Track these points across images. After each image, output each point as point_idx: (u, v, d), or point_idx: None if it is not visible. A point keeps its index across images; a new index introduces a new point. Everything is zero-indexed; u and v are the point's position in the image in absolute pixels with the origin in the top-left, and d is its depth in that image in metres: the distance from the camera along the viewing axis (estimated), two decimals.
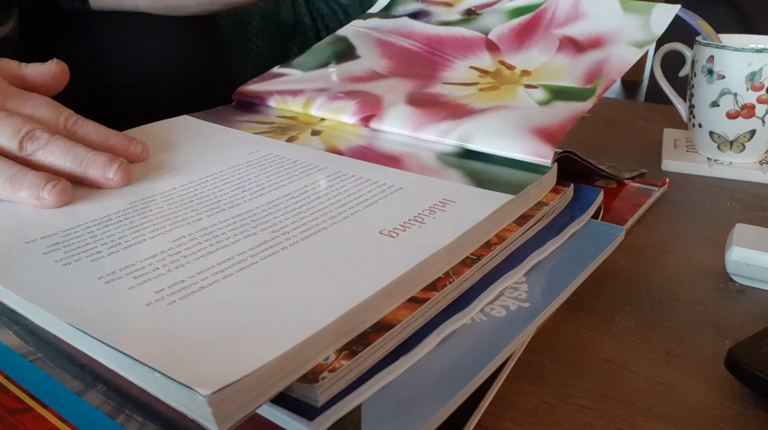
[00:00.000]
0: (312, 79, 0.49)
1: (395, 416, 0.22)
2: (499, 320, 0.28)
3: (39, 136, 0.34)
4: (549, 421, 0.27)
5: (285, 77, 0.51)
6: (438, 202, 0.32)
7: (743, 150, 0.55)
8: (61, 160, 0.34)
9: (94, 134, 0.37)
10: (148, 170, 0.37)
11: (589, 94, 0.41)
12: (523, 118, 0.39)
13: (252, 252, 0.27)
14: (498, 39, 0.48)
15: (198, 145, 0.41)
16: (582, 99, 0.41)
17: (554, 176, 0.36)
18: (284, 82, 0.50)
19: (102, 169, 0.34)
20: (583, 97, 0.41)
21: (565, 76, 0.44)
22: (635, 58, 0.43)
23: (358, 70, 0.49)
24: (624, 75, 0.42)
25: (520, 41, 0.47)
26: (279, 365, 0.21)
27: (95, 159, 0.34)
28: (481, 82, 0.45)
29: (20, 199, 0.32)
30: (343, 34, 0.54)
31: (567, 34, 0.47)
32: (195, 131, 0.44)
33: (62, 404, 0.24)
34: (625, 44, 0.44)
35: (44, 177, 0.32)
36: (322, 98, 0.46)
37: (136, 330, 0.22)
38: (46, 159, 0.34)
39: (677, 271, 0.39)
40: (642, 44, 0.44)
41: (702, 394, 0.28)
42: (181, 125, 0.45)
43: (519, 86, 0.44)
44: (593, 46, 0.45)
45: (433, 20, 0.53)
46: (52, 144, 0.34)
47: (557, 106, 0.41)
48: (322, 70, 0.50)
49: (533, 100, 0.42)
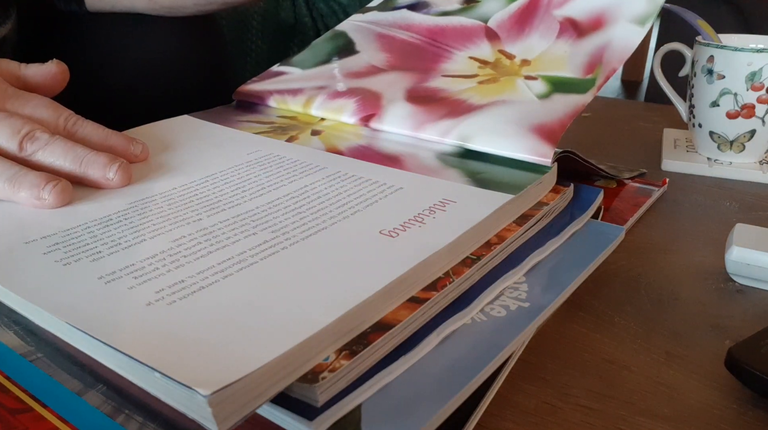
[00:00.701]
0: (311, 77, 0.49)
1: (395, 416, 0.22)
2: (499, 320, 0.28)
3: (39, 137, 0.34)
4: (549, 421, 0.27)
5: (284, 76, 0.51)
6: (438, 202, 0.32)
7: (743, 150, 0.55)
8: (61, 160, 0.34)
9: (94, 135, 0.37)
10: (148, 170, 0.37)
11: (589, 85, 0.41)
12: (522, 114, 0.39)
13: (252, 252, 0.27)
14: (497, 26, 0.48)
15: (198, 145, 0.41)
16: (582, 91, 0.40)
17: (554, 176, 0.36)
18: (284, 81, 0.50)
19: (102, 170, 0.34)
20: (583, 88, 0.41)
21: (566, 65, 0.43)
22: (637, 40, 0.43)
23: (357, 66, 0.49)
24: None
25: (520, 27, 0.47)
26: (279, 365, 0.21)
27: (95, 159, 0.34)
28: (480, 74, 0.45)
29: (20, 199, 0.32)
30: (341, 29, 0.54)
31: (567, 14, 0.46)
32: (195, 131, 0.44)
33: (62, 404, 0.24)
34: (626, 22, 0.44)
35: (44, 177, 0.32)
36: (322, 97, 0.46)
37: (136, 330, 0.22)
38: (45, 159, 0.34)
39: (677, 271, 0.39)
40: (644, 19, 0.43)
41: (702, 394, 0.28)
42: (181, 125, 0.45)
43: (518, 78, 0.43)
44: (594, 28, 0.44)
45: (432, 11, 0.52)
46: (52, 144, 0.34)
47: (557, 99, 0.40)
48: (322, 68, 0.50)
49: (533, 93, 0.41)
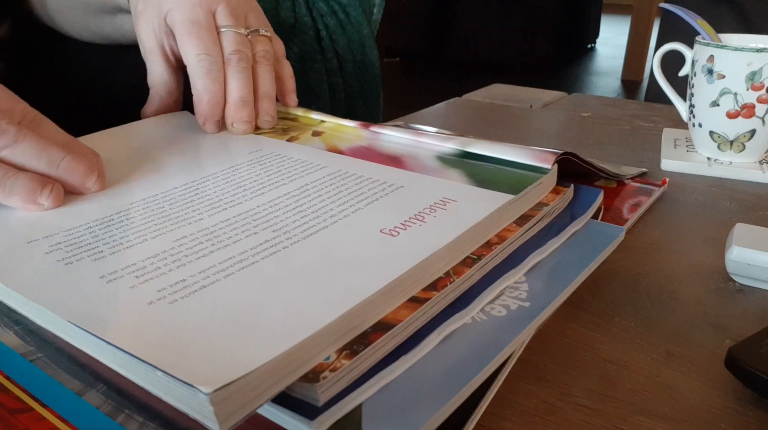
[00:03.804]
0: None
1: (395, 415, 0.22)
2: (500, 320, 0.28)
3: (5, 129, 0.31)
4: (549, 421, 0.27)
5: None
6: (439, 201, 0.32)
7: (743, 150, 0.55)
8: (34, 161, 0.32)
9: (55, 137, 0.34)
10: (148, 170, 0.37)
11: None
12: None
13: (253, 251, 0.27)
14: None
15: (199, 144, 0.41)
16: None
17: (554, 177, 0.36)
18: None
19: (82, 179, 0.33)
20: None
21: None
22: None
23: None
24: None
25: None
26: (280, 364, 0.21)
27: (74, 167, 0.33)
28: None
29: (12, 203, 0.31)
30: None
31: None
32: (196, 130, 0.44)
33: (62, 404, 0.24)
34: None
35: (39, 181, 0.31)
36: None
37: (137, 329, 0.22)
38: (15, 158, 0.32)
39: (677, 271, 0.39)
40: None
41: (702, 394, 0.28)
42: (182, 122, 0.45)
43: None
44: None
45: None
46: (23, 142, 0.32)
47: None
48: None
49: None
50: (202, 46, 0.42)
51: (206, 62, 0.42)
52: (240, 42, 0.44)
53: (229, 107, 0.43)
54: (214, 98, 0.43)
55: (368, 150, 0.40)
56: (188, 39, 0.43)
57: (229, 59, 0.43)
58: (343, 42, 0.69)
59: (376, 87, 0.74)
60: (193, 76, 0.43)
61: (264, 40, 0.46)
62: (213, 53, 0.43)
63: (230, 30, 0.44)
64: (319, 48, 0.69)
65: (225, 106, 0.43)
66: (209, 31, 0.43)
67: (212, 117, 0.43)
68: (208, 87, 0.42)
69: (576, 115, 0.76)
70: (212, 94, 0.42)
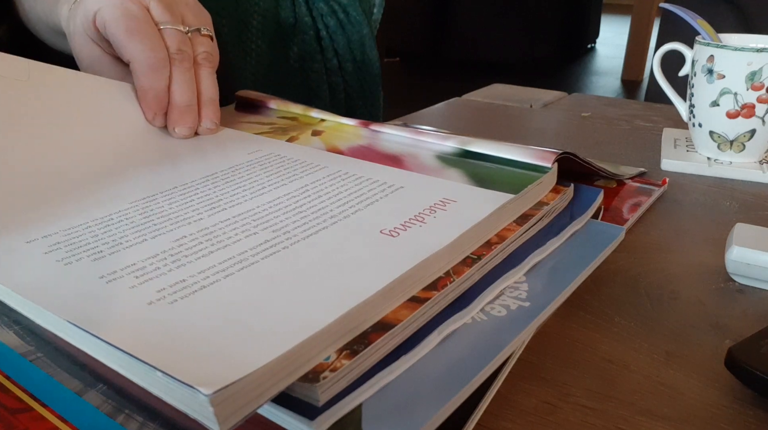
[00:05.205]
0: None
1: (395, 415, 0.22)
2: (500, 320, 0.28)
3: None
4: (549, 421, 0.27)
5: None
6: (438, 201, 0.32)
7: (743, 150, 0.55)
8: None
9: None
10: (149, 169, 0.37)
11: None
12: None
13: (253, 251, 0.27)
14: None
15: (199, 144, 0.41)
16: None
17: (554, 176, 0.36)
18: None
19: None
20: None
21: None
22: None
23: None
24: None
25: None
26: (280, 365, 0.21)
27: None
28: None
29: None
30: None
31: None
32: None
33: (62, 404, 0.24)
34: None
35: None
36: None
37: (137, 329, 0.22)
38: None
39: (677, 271, 0.39)
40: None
41: (702, 394, 0.28)
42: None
43: None
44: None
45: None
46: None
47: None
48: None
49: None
50: (146, 41, 0.40)
51: (152, 59, 0.40)
52: (182, 41, 0.42)
53: (172, 111, 0.41)
54: (158, 97, 0.41)
55: (368, 149, 0.40)
56: (127, 36, 0.40)
57: (172, 59, 0.41)
58: (343, 42, 0.69)
59: (376, 87, 0.74)
60: (137, 72, 0.40)
61: (205, 40, 0.44)
62: (158, 49, 0.40)
63: (170, 27, 0.41)
64: (319, 48, 0.69)
65: (168, 107, 0.42)
66: (149, 24, 0.40)
67: (159, 115, 0.41)
68: (154, 85, 0.40)
69: (576, 115, 0.76)
70: (156, 92, 0.41)
